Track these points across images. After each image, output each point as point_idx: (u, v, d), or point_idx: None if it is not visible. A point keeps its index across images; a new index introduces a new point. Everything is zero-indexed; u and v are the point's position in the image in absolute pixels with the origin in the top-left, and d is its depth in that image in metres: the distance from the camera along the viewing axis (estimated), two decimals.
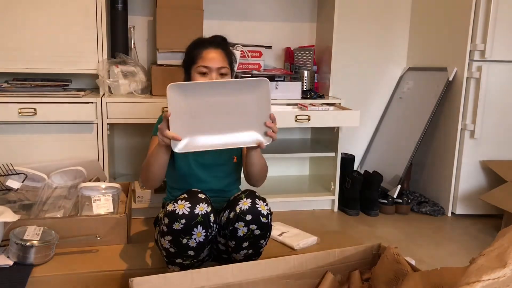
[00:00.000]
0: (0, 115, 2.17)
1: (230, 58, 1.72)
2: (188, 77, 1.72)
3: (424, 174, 2.95)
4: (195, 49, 1.69)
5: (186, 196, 1.49)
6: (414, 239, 2.35)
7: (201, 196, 1.50)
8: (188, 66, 1.71)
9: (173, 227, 1.45)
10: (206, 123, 1.49)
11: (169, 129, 1.43)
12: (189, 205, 1.45)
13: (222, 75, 1.66)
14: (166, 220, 1.46)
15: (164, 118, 1.45)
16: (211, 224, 1.49)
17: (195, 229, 1.45)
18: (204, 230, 1.47)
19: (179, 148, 1.45)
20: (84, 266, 1.66)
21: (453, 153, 2.63)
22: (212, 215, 1.49)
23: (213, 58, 1.65)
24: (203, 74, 1.65)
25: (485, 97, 2.54)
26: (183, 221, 1.44)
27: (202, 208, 1.46)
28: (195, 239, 1.47)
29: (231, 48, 1.81)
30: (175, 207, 1.45)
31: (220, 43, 1.73)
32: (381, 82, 3.15)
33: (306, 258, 1.45)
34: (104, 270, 1.65)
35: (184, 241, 1.46)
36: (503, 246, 1.05)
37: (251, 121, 1.52)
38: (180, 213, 1.44)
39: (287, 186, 2.83)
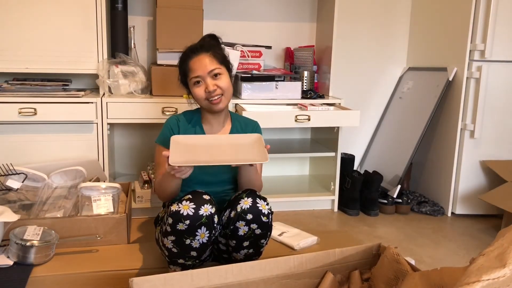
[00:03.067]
0: (0, 115, 2.17)
1: (220, 56, 1.68)
2: (188, 90, 1.73)
3: (424, 174, 2.96)
4: (183, 64, 1.69)
5: (191, 197, 1.49)
6: (414, 239, 2.35)
7: (206, 197, 1.50)
8: (184, 80, 1.72)
9: (177, 228, 1.45)
10: (203, 155, 1.53)
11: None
12: (194, 206, 1.45)
13: (216, 75, 1.64)
14: (170, 220, 1.46)
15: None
16: (215, 225, 1.49)
17: (199, 230, 1.45)
18: (207, 231, 1.47)
19: (175, 161, 1.43)
20: (84, 266, 1.66)
21: (453, 153, 2.63)
22: (215, 216, 1.49)
23: (200, 65, 1.63)
24: (198, 83, 1.65)
25: (485, 97, 2.54)
26: (188, 222, 1.44)
27: (206, 210, 1.46)
28: (198, 240, 1.47)
29: (223, 45, 1.77)
30: (179, 207, 1.45)
31: (203, 46, 1.68)
32: (381, 82, 3.15)
33: (306, 258, 1.45)
34: (104, 270, 1.65)
35: (188, 241, 1.46)
36: (503, 246, 1.05)
37: (247, 153, 1.54)
38: (185, 213, 1.44)
39: (287, 186, 2.83)
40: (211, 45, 1.70)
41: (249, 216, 1.50)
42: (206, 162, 1.47)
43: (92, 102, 2.25)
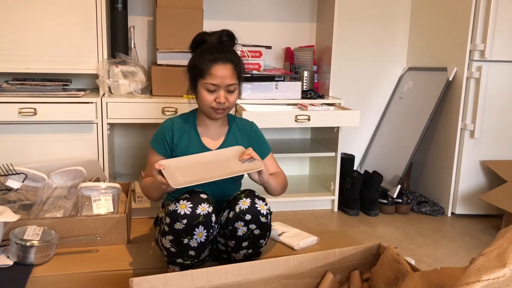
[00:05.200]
0: (0, 115, 2.17)
1: (239, 70, 1.64)
2: (193, 86, 1.66)
3: (424, 174, 2.96)
4: (203, 62, 1.60)
5: (188, 196, 1.49)
6: (414, 239, 2.35)
7: (203, 196, 1.50)
8: (195, 77, 1.64)
9: (175, 227, 1.45)
10: (198, 171, 1.55)
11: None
12: (191, 205, 1.45)
13: (230, 92, 1.62)
14: (168, 220, 1.46)
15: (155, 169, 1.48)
16: (213, 224, 1.49)
17: (196, 229, 1.45)
18: (205, 230, 1.47)
19: (176, 184, 1.45)
20: (84, 266, 1.66)
21: (453, 153, 2.63)
22: (213, 215, 1.49)
23: (222, 75, 1.58)
24: (211, 91, 1.60)
25: (485, 97, 2.54)
26: (185, 221, 1.44)
27: (203, 208, 1.46)
28: (196, 239, 1.47)
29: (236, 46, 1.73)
30: (176, 207, 1.45)
31: (230, 51, 1.63)
32: (381, 82, 3.15)
33: (306, 258, 1.45)
34: (104, 270, 1.64)
35: (185, 241, 1.46)
36: (503, 246, 1.05)
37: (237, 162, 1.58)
38: (182, 213, 1.44)
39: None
40: (236, 54, 1.66)
41: (248, 217, 1.50)
42: (207, 179, 1.48)
43: (92, 102, 2.25)
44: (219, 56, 1.59)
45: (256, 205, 1.51)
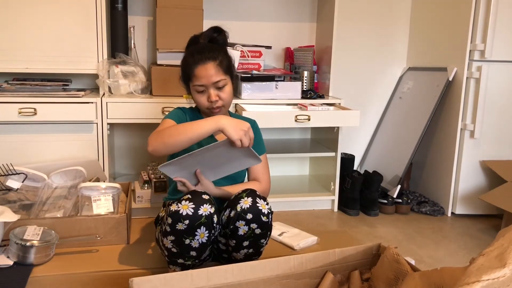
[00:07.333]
0: (0, 115, 2.17)
1: (225, 65, 1.65)
2: (188, 90, 1.72)
3: (424, 174, 2.96)
4: (187, 66, 1.66)
5: (190, 196, 1.48)
6: (414, 239, 2.35)
7: (205, 197, 1.50)
8: (186, 82, 1.70)
9: (176, 228, 1.45)
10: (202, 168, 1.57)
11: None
12: (193, 206, 1.45)
13: (220, 87, 1.64)
14: (170, 220, 1.46)
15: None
16: (214, 225, 1.49)
17: (198, 230, 1.45)
18: (207, 231, 1.47)
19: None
20: (84, 266, 1.66)
21: (453, 153, 2.63)
22: (215, 216, 1.49)
23: (205, 74, 1.61)
24: (201, 92, 1.65)
25: (485, 97, 2.54)
26: (187, 221, 1.44)
27: (206, 209, 1.46)
28: (198, 240, 1.47)
29: (228, 47, 1.75)
30: (178, 207, 1.45)
31: (211, 51, 1.64)
32: (381, 82, 3.15)
33: (306, 258, 1.45)
34: (104, 270, 1.65)
35: (187, 241, 1.46)
36: (503, 246, 1.05)
37: (237, 155, 1.56)
38: (184, 213, 1.44)
39: (287, 186, 2.83)
40: (218, 49, 1.67)
41: (249, 216, 1.50)
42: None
43: (92, 102, 2.25)
44: (199, 57, 1.63)
45: (258, 204, 1.51)
